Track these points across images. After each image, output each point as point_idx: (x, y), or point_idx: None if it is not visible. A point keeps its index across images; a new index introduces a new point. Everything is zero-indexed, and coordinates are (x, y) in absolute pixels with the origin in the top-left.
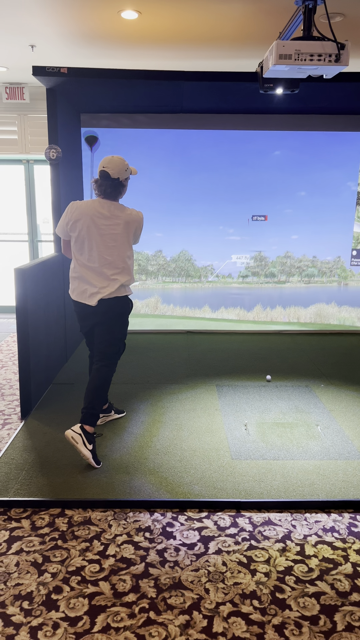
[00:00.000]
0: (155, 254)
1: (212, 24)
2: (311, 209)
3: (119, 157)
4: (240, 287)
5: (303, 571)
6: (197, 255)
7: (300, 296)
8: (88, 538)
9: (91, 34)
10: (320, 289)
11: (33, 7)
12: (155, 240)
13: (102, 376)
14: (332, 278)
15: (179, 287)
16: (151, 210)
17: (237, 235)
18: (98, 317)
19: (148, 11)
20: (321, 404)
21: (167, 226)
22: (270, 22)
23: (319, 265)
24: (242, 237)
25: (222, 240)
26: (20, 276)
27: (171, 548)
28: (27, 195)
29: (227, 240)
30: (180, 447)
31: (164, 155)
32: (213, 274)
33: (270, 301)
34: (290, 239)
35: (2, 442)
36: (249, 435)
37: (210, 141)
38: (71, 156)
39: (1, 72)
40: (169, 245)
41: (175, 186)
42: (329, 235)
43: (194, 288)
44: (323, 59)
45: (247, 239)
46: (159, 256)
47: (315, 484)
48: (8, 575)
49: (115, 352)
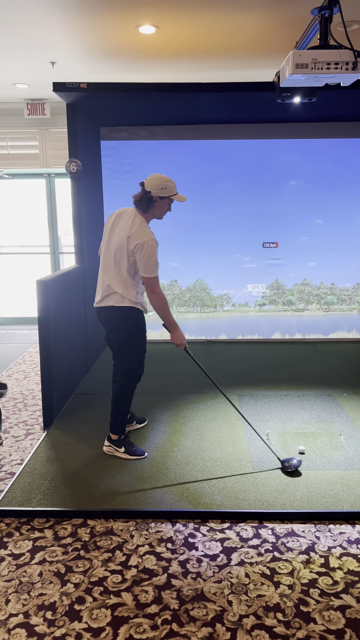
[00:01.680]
0: (170, 283)
1: (228, 35)
2: (327, 235)
3: (160, 175)
4: (257, 315)
5: (328, 584)
6: (213, 284)
7: (319, 324)
8: (110, 548)
9: (110, 49)
10: (341, 317)
11: (54, 26)
12: (171, 270)
13: (115, 392)
14: (352, 306)
15: (195, 317)
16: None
17: (254, 263)
18: (104, 327)
19: (165, 25)
20: (344, 413)
21: (183, 254)
22: (286, 32)
23: (337, 293)
24: (258, 264)
25: (238, 268)
26: (42, 288)
27: (193, 559)
28: (49, 208)
29: (243, 269)
30: (202, 457)
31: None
32: (229, 303)
33: (289, 329)
34: (307, 265)
35: (25, 452)
36: (271, 446)
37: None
38: (91, 169)
39: (23, 89)
40: (184, 273)
41: (194, 217)
42: (347, 263)
43: (209, 317)
44: (340, 67)
45: (263, 267)
46: (174, 285)
47: (339, 494)
48: (32, 585)
49: (123, 369)
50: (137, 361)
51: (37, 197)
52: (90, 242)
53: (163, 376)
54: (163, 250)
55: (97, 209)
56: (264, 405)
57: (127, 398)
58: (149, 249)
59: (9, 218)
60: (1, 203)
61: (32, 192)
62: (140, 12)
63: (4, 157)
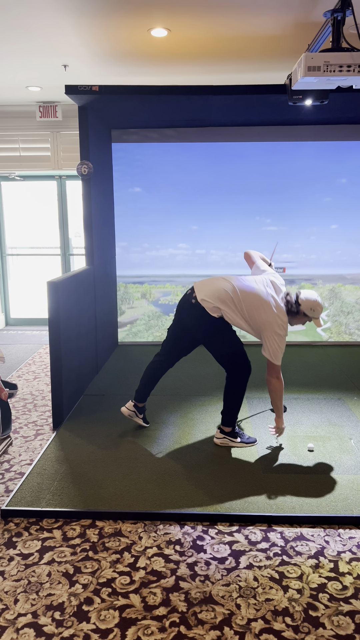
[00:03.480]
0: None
1: (240, 38)
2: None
3: (318, 301)
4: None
5: (337, 589)
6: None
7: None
8: (119, 550)
9: (122, 52)
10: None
11: (66, 29)
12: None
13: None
14: None
15: None
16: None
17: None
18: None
19: (177, 29)
20: (355, 417)
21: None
22: (298, 35)
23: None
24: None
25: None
26: (52, 289)
27: (202, 562)
28: (60, 210)
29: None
30: (211, 460)
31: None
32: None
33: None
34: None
35: (35, 453)
36: (281, 449)
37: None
38: (102, 171)
39: (35, 92)
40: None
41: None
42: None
43: None
44: (352, 69)
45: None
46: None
47: (348, 498)
48: (40, 585)
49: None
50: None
51: (48, 198)
52: (101, 243)
53: (172, 378)
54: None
55: (107, 211)
56: None
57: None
58: (280, 340)
59: (21, 220)
60: (13, 205)
61: (43, 194)
62: (153, 16)
63: (16, 159)
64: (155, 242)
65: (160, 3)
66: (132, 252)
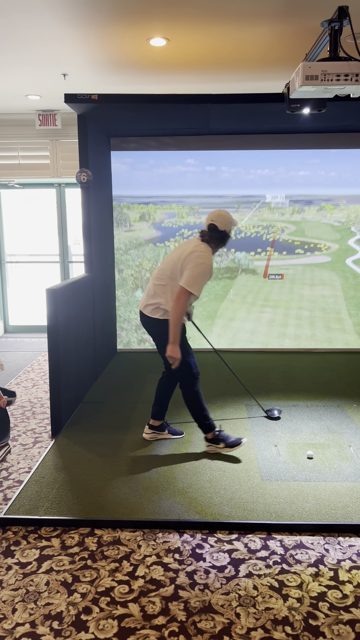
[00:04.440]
0: None
1: (239, 47)
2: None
3: (224, 212)
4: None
5: (337, 597)
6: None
7: (328, 334)
8: (117, 558)
9: (121, 61)
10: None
11: (66, 39)
12: None
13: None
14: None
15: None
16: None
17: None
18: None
19: (176, 38)
20: (354, 424)
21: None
22: (295, 44)
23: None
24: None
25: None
26: (51, 296)
27: (201, 570)
28: (59, 217)
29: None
30: (210, 467)
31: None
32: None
33: (297, 337)
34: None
35: (33, 461)
36: (280, 456)
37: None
38: (101, 179)
39: (35, 101)
40: None
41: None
42: None
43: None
44: (350, 78)
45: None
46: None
47: (348, 506)
48: (38, 595)
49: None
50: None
51: (48, 206)
52: (100, 251)
53: None
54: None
55: (106, 218)
56: None
57: (189, 400)
58: (203, 268)
59: (20, 227)
60: (12, 212)
61: (42, 201)
62: (151, 25)
63: (16, 167)
64: (162, 159)
65: (158, 13)
66: (138, 170)
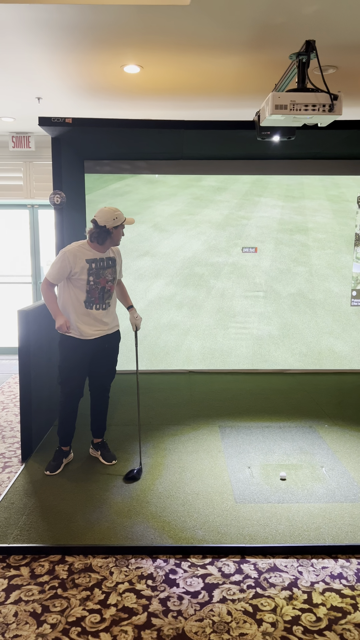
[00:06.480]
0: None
1: (211, 76)
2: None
3: (109, 207)
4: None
5: (311, 620)
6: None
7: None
8: (89, 586)
9: (95, 86)
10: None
11: (41, 63)
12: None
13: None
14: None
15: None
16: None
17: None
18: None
19: (149, 65)
20: (325, 444)
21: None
22: (266, 74)
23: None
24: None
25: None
26: (23, 318)
27: (174, 596)
28: (32, 238)
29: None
30: (183, 491)
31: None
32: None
33: (271, 360)
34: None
35: (2, 486)
36: (253, 478)
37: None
38: (75, 201)
39: (9, 123)
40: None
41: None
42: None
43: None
44: (317, 109)
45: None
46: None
47: (321, 527)
48: (6, 627)
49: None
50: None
51: (21, 227)
52: None
53: (144, 407)
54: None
55: (79, 239)
56: (246, 436)
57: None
58: (59, 256)
59: None
60: None
61: (15, 222)
62: (126, 53)
63: None
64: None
65: (133, 41)
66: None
